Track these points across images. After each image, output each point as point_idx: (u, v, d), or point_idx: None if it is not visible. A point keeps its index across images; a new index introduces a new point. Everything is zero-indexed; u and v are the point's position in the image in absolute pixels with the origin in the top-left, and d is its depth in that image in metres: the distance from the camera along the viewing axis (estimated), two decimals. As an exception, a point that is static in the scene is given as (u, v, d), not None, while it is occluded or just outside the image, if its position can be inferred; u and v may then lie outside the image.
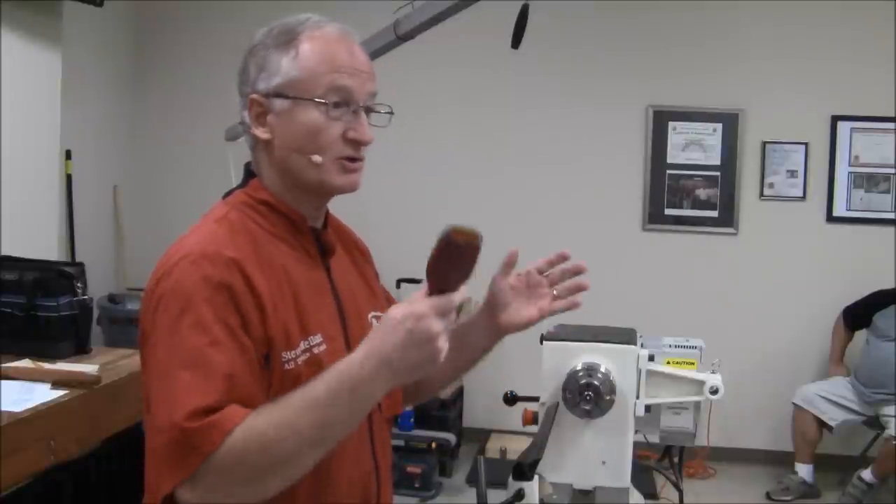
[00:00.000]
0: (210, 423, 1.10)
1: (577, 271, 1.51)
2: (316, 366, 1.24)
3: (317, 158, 1.30)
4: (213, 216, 1.32)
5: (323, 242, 1.38)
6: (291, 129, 1.30)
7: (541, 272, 1.52)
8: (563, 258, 1.51)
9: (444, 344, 1.11)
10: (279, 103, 1.30)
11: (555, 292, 1.51)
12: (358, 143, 1.32)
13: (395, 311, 1.12)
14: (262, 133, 1.32)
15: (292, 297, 1.28)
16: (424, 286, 1.12)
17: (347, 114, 1.30)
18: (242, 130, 1.37)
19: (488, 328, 1.52)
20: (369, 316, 1.43)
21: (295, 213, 1.34)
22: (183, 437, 1.10)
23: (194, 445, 1.09)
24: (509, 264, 1.50)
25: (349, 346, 1.31)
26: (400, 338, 1.09)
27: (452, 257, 1.09)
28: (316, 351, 1.27)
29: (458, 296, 1.11)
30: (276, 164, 1.33)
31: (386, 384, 1.13)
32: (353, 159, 1.32)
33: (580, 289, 1.52)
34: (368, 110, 1.33)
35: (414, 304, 1.11)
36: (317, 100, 1.28)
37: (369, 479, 1.36)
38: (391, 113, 1.37)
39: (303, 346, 1.26)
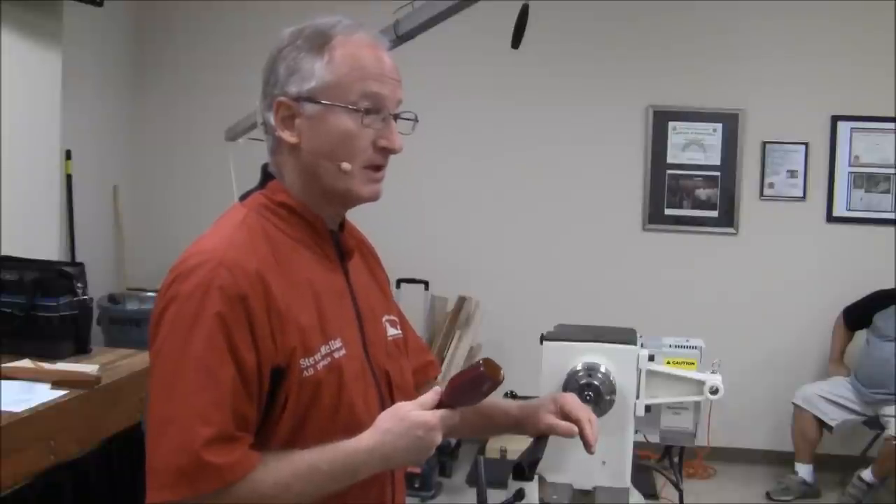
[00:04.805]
0: (226, 466, 1.16)
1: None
2: (336, 371, 1.27)
3: (346, 166, 1.29)
4: (231, 219, 1.31)
5: (341, 245, 1.38)
6: (322, 135, 1.29)
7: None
8: None
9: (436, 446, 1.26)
10: (310, 108, 1.28)
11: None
12: (387, 152, 1.32)
13: (411, 414, 1.22)
14: (289, 137, 1.30)
15: (313, 303, 1.28)
16: (438, 390, 1.26)
17: (377, 121, 1.30)
18: (265, 132, 1.35)
19: (524, 428, 1.58)
20: (383, 319, 1.44)
21: (314, 216, 1.34)
22: (200, 466, 1.15)
23: (208, 479, 1.15)
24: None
25: (366, 351, 1.35)
26: (407, 443, 1.22)
27: (477, 389, 1.24)
28: (336, 356, 1.28)
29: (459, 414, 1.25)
30: (302, 168, 1.32)
31: (379, 470, 1.27)
32: (377, 168, 1.33)
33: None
34: (396, 117, 1.33)
35: (426, 415, 1.23)
36: (350, 106, 1.28)
37: (385, 480, 1.37)
38: (416, 121, 1.38)
39: (323, 350, 1.26)
